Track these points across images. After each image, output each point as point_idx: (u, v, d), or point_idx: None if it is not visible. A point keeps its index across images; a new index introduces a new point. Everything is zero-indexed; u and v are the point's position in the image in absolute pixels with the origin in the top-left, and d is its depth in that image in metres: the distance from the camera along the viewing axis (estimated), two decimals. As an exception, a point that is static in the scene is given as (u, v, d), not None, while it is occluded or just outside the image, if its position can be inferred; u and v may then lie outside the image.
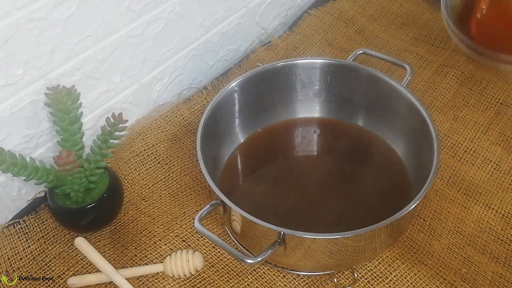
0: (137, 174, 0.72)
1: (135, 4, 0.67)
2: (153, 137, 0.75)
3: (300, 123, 0.74)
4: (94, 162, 0.63)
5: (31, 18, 0.56)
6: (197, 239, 0.65)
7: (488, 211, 0.66)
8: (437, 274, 0.61)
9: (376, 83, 0.68)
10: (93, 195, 0.63)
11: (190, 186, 0.70)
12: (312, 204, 0.65)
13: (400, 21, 0.92)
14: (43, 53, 0.60)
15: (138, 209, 0.68)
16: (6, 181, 0.65)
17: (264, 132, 0.72)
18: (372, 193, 0.65)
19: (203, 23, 0.78)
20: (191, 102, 0.80)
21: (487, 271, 0.61)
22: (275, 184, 0.68)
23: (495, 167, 0.71)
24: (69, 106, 0.60)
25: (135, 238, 0.65)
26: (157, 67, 0.76)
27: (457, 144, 0.74)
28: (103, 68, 0.68)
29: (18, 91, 0.60)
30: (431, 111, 0.77)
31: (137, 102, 0.76)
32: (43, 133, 0.65)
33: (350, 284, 0.61)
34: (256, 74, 0.69)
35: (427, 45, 0.88)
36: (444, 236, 0.64)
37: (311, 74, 0.71)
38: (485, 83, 0.81)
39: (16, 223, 0.66)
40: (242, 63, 0.85)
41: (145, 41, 0.71)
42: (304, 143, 0.72)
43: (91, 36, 0.64)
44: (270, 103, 0.72)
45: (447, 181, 0.69)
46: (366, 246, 0.56)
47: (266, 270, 0.62)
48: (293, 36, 0.89)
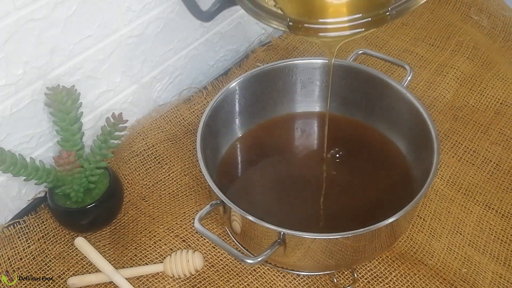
0: (137, 174, 0.72)
1: (135, 4, 0.67)
2: (153, 137, 0.75)
3: (300, 122, 0.74)
4: (94, 162, 0.63)
5: (31, 18, 0.56)
6: (197, 239, 0.65)
7: (488, 211, 0.66)
8: (437, 274, 0.61)
9: (376, 83, 0.68)
10: (93, 195, 0.63)
11: (190, 186, 0.70)
12: (312, 204, 0.65)
13: (400, 21, 0.92)
14: (43, 53, 0.60)
15: (138, 209, 0.68)
16: (6, 181, 0.65)
17: (264, 132, 0.72)
18: (373, 193, 0.65)
19: (203, 23, 0.78)
20: (191, 102, 0.80)
21: (487, 271, 0.61)
22: (275, 183, 0.68)
23: (495, 167, 0.71)
24: (69, 106, 0.60)
25: (135, 238, 0.65)
26: (157, 67, 0.76)
27: (457, 144, 0.74)
28: (103, 68, 0.68)
29: (18, 91, 0.60)
30: (431, 111, 0.77)
31: (137, 102, 0.76)
32: (43, 133, 0.65)
33: (350, 284, 0.61)
34: (256, 74, 0.69)
35: (427, 45, 0.88)
36: (444, 236, 0.64)
37: (311, 74, 0.71)
38: (485, 83, 0.81)
39: (16, 223, 0.66)
40: (242, 63, 0.85)
41: (145, 41, 0.71)
42: (304, 142, 0.72)
43: (91, 36, 0.64)
44: (270, 103, 0.72)
45: (447, 181, 0.69)
46: (366, 246, 0.56)
47: (266, 270, 0.62)
48: (293, 36, 0.89)
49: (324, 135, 0.70)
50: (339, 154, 0.68)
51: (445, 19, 0.91)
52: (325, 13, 0.52)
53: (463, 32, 0.89)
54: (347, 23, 0.50)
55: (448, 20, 0.91)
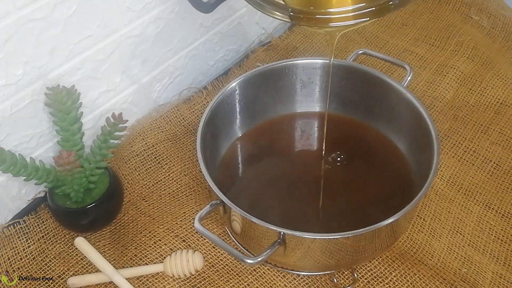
0: (137, 174, 0.72)
1: (135, 4, 0.67)
2: (153, 137, 0.75)
3: (300, 122, 0.74)
4: (94, 162, 0.63)
5: (31, 18, 0.56)
6: (197, 239, 0.65)
7: (488, 211, 0.66)
8: (437, 274, 0.61)
9: (376, 83, 0.67)
10: (93, 195, 0.63)
11: (190, 186, 0.70)
12: (312, 204, 0.65)
13: (400, 21, 0.92)
14: (43, 53, 0.60)
15: (138, 209, 0.68)
16: (6, 181, 0.65)
17: (264, 132, 0.72)
18: (373, 193, 0.65)
19: (203, 23, 0.78)
20: (191, 102, 0.80)
21: (487, 271, 0.61)
22: (276, 183, 0.67)
23: (495, 167, 0.71)
24: (69, 106, 0.60)
25: (135, 238, 0.65)
26: (157, 67, 0.76)
27: (457, 144, 0.74)
28: (103, 68, 0.68)
29: (18, 91, 0.60)
30: (431, 111, 0.77)
31: (137, 102, 0.76)
32: (43, 133, 0.65)
33: (350, 284, 0.61)
34: (256, 74, 0.69)
35: (427, 45, 0.88)
36: (444, 236, 0.64)
37: (311, 74, 0.71)
38: (485, 83, 0.81)
39: (16, 223, 0.66)
40: (242, 63, 0.85)
41: (145, 41, 0.71)
42: (304, 142, 0.72)
43: (91, 36, 0.64)
44: (270, 103, 0.72)
45: (447, 181, 0.69)
46: (366, 246, 0.56)
47: (266, 270, 0.62)
48: (293, 36, 0.89)
49: (323, 135, 0.70)
50: (340, 158, 0.68)
51: (445, 19, 0.91)
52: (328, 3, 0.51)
53: (463, 32, 0.89)
54: (351, 12, 0.49)
55: (448, 20, 0.91)
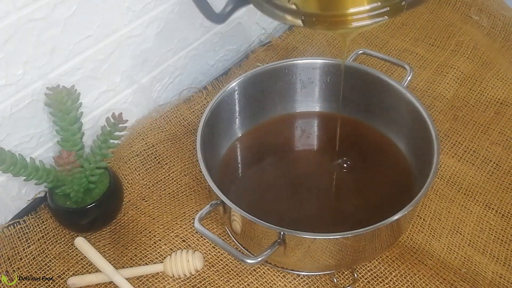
0: (137, 174, 0.72)
1: (135, 4, 0.67)
2: (153, 137, 0.75)
3: (300, 123, 0.74)
4: (94, 162, 0.63)
5: (31, 18, 0.56)
6: (197, 239, 0.65)
7: (488, 211, 0.66)
8: (437, 274, 0.61)
9: (376, 83, 0.68)
10: (93, 195, 0.63)
11: (190, 186, 0.70)
12: (312, 204, 0.65)
13: (400, 21, 0.92)
14: (43, 53, 0.60)
15: (138, 209, 0.68)
16: (6, 181, 0.65)
17: (264, 132, 0.72)
18: (373, 193, 0.65)
19: (203, 23, 0.78)
20: (191, 102, 0.80)
21: (487, 271, 0.61)
22: (275, 183, 0.67)
23: (495, 167, 0.71)
24: (69, 106, 0.60)
25: (135, 238, 0.65)
26: (157, 67, 0.76)
27: (457, 144, 0.74)
28: (103, 68, 0.68)
29: (18, 91, 0.60)
30: (431, 111, 0.77)
31: (137, 102, 0.76)
32: (43, 133, 0.65)
33: (350, 284, 0.61)
34: (256, 74, 0.69)
35: (427, 45, 0.88)
36: (444, 236, 0.64)
37: (311, 74, 0.71)
38: (485, 83, 0.81)
39: (16, 223, 0.66)
40: (242, 63, 0.85)
41: (145, 41, 0.71)
42: (304, 142, 0.72)
43: (91, 36, 0.64)
44: (270, 103, 0.72)
45: (447, 181, 0.69)
46: (366, 246, 0.56)
47: (266, 270, 0.62)
48: (293, 36, 0.89)
49: (323, 135, 0.70)
50: (340, 158, 0.68)
51: (445, 19, 0.91)
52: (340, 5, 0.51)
53: (463, 32, 0.89)
54: (365, 13, 0.49)
55: (448, 20, 0.91)
